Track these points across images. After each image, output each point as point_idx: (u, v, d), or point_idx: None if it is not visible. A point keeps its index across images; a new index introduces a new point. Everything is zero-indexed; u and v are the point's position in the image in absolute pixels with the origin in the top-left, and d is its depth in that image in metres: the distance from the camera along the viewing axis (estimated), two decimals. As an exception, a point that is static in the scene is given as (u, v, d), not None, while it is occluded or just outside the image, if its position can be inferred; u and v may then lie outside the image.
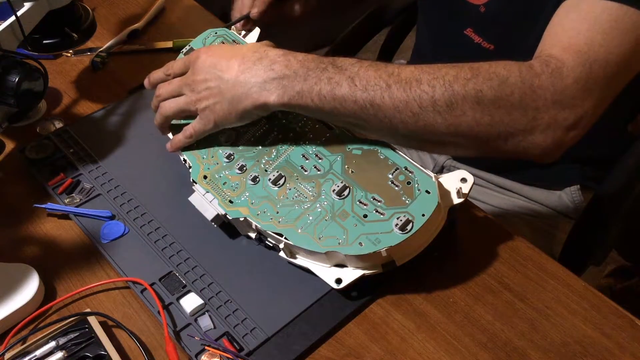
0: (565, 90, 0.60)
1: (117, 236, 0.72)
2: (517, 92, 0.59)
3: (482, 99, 0.59)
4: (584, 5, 0.63)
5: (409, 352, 0.62)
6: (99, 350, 0.61)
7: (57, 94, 0.92)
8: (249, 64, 0.65)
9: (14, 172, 0.81)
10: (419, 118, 0.60)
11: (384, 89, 0.61)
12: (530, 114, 0.60)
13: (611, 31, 0.61)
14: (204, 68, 0.68)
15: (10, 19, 0.76)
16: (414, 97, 0.60)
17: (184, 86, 0.70)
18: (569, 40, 0.62)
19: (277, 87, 0.64)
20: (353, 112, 0.62)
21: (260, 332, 0.63)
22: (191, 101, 0.69)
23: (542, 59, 0.62)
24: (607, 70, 0.61)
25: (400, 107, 0.60)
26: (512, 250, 0.69)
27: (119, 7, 1.08)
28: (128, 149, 0.82)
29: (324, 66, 0.63)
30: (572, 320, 0.63)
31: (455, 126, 0.60)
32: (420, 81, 0.60)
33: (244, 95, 0.65)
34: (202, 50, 0.70)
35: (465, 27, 0.87)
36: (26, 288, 0.66)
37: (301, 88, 0.63)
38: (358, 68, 0.62)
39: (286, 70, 0.64)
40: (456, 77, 0.60)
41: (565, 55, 0.61)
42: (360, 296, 0.65)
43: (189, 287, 0.67)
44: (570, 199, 0.94)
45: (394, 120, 0.61)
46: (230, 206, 0.68)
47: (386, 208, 0.63)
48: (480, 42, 0.86)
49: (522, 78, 0.60)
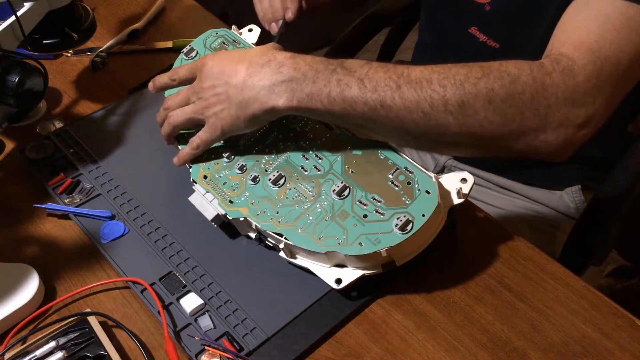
0: (576, 88, 0.60)
1: (117, 236, 0.72)
2: (528, 91, 0.59)
3: (494, 98, 0.59)
4: (594, 4, 0.63)
5: (409, 352, 0.62)
6: (99, 350, 0.61)
7: (57, 94, 0.92)
8: (257, 67, 0.65)
9: (14, 172, 0.81)
10: (430, 118, 0.60)
11: (394, 89, 0.60)
12: (542, 112, 0.59)
13: (622, 29, 0.61)
14: (211, 74, 0.67)
15: (10, 19, 0.76)
16: (424, 97, 0.60)
17: (192, 94, 0.69)
18: (580, 39, 0.62)
19: (285, 90, 0.63)
20: (363, 113, 0.62)
21: (260, 332, 0.63)
22: (199, 109, 0.68)
23: (552, 57, 0.61)
24: (618, 69, 0.61)
25: (412, 107, 0.60)
26: (512, 250, 0.69)
27: (119, 7, 1.08)
28: (128, 149, 0.82)
29: (333, 68, 0.63)
30: (572, 320, 0.63)
31: (467, 126, 0.60)
32: (430, 81, 0.60)
33: (252, 99, 0.64)
34: (209, 56, 0.69)
35: (470, 25, 0.87)
36: (26, 288, 0.66)
37: (310, 90, 0.62)
38: (367, 69, 0.62)
39: (294, 72, 0.63)
40: (467, 76, 0.59)
41: (576, 54, 0.61)
42: (360, 296, 0.65)
43: (189, 287, 0.67)
44: (571, 199, 0.94)
45: (405, 120, 0.61)
46: (230, 206, 0.68)
47: (386, 208, 0.63)
48: (486, 40, 0.86)
49: (533, 76, 0.59)
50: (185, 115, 0.70)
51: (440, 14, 0.95)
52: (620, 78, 0.62)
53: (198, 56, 0.79)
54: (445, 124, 0.60)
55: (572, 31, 0.63)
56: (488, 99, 0.59)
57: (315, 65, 0.63)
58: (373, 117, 0.62)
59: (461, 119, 0.60)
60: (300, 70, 0.63)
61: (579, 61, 0.60)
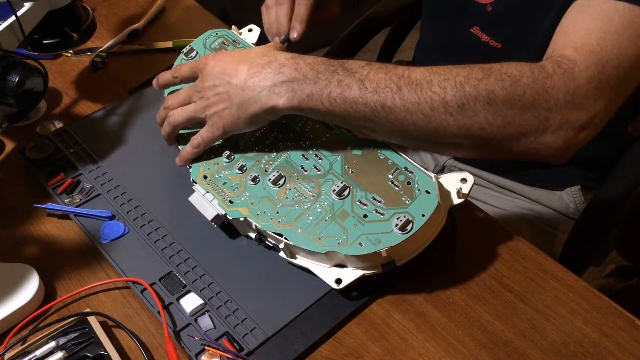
0: (577, 91, 0.59)
1: (117, 236, 0.72)
2: (529, 93, 0.59)
3: (494, 100, 0.59)
4: (596, 6, 0.63)
5: (409, 352, 0.62)
6: (99, 350, 0.61)
7: (57, 94, 0.92)
8: (258, 68, 0.65)
9: (14, 172, 0.81)
10: (430, 120, 0.60)
11: (394, 90, 0.60)
12: (543, 114, 0.59)
13: (624, 32, 0.61)
14: (213, 74, 0.67)
15: (10, 19, 0.76)
16: (425, 98, 0.60)
17: (193, 94, 0.70)
18: (581, 41, 0.61)
19: (286, 91, 0.63)
20: (364, 114, 0.62)
21: (260, 332, 0.63)
22: (200, 108, 0.69)
23: (553, 59, 0.61)
24: (619, 71, 0.61)
25: (412, 109, 0.60)
26: (512, 250, 0.69)
27: (119, 7, 1.08)
28: (128, 149, 0.82)
29: (334, 69, 0.63)
30: (572, 320, 0.63)
31: (467, 127, 0.60)
32: (431, 82, 0.60)
33: (253, 99, 0.65)
34: (210, 56, 0.69)
35: (472, 25, 0.87)
36: (26, 288, 0.66)
37: (311, 91, 0.62)
38: (368, 70, 0.62)
39: (295, 73, 0.63)
40: (467, 77, 0.59)
41: (577, 56, 0.60)
42: (360, 296, 0.65)
43: (189, 287, 0.67)
44: (570, 199, 0.94)
45: (405, 122, 0.61)
46: (230, 206, 0.68)
47: (386, 208, 0.63)
48: (487, 40, 0.86)
49: (534, 78, 0.59)
50: (186, 114, 0.70)
51: (441, 14, 0.95)
52: (622, 81, 0.62)
53: (198, 56, 0.79)
54: (446, 125, 0.60)
55: (573, 33, 0.63)
56: (488, 101, 0.59)
57: (316, 66, 0.63)
58: (373, 118, 0.62)
59: (461, 121, 0.60)
60: (301, 71, 0.63)
61: (580, 64, 0.60)
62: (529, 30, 0.80)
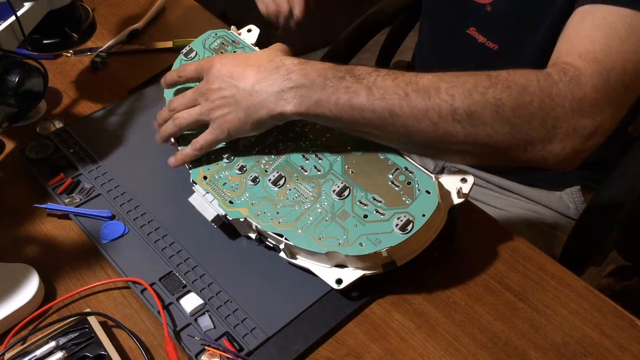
0: (584, 99, 0.59)
1: (117, 236, 0.72)
2: (536, 101, 0.59)
3: (502, 108, 0.59)
4: (599, 13, 0.62)
5: (409, 352, 0.62)
6: (99, 350, 0.61)
7: (57, 94, 0.92)
8: (266, 72, 0.64)
9: (14, 172, 0.81)
10: (438, 127, 0.60)
11: (402, 97, 0.60)
12: (550, 122, 0.59)
13: (627, 38, 0.61)
14: (219, 77, 0.67)
15: (10, 19, 0.76)
16: (433, 106, 0.59)
17: (199, 96, 0.69)
18: (585, 48, 0.61)
19: (294, 97, 0.63)
20: (371, 121, 0.61)
21: (260, 332, 0.63)
22: (205, 110, 0.68)
23: (559, 66, 0.61)
24: (624, 78, 0.61)
25: (419, 116, 0.60)
26: (512, 250, 0.69)
27: (119, 7, 1.08)
28: (128, 149, 0.82)
29: (342, 75, 0.62)
30: (572, 320, 0.63)
31: (474, 135, 0.60)
32: (439, 90, 0.59)
33: (260, 104, 0.64)
34: (216, 58, 0.69)
35: (469, 26, 0.87)
36: (26, 288, 0.66)
37: (319, 97, 0.62)
38: (375, 77, 0.61)
39: (303, 79, 0.63)
40: (475, 85, 0.59)
41: (582, 63, 0.60)
42: (361, 296, 0.65)
43: (189, 287, 0.67)
44: (571, 199, 0.94)
45: (413, 129, 0.61)
46: (230, 207, 0.68)
47: (386, 208, 0.63)
48: (484, 41, 0.85)
49: (540, 86, 0.59)
50: (191, 116, 0.70)
51: (440, 13, 0.95)
52: (627, 87, 0.61)
53: (197, 57, 0.79)
54: (453, 132, 0.60)
55: (577, 40, 0.63)
56: (496, 109, 0.59)
57: (323, 72, 0.63)
58: (381, 124, 0.61)
59: (469, 129, 0.59)
60: (308, 77, 0.63)
61: (586, 71, 0.60)
62: (526, 32, 0.80)
